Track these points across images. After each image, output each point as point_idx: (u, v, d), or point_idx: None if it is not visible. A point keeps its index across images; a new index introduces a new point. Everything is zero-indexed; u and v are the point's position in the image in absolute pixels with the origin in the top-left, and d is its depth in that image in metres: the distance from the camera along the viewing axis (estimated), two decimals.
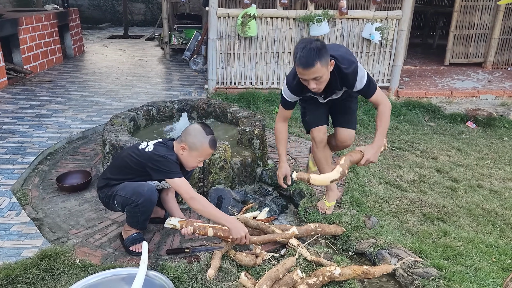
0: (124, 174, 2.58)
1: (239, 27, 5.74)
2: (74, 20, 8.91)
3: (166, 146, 2.58)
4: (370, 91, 2.66)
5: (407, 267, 2.56)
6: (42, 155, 4.03)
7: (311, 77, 2.45)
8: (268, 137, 4.71)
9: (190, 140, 2.51)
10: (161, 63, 8.48)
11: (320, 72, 2.44)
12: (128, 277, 2.31)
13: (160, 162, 2.46)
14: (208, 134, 2.54)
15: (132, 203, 2.49)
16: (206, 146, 2.52)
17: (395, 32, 6.16)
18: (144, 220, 2.60)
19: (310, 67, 2.40)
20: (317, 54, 2.38)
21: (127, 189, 2.51)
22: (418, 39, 11.29)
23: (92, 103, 5.68)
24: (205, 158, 2.61)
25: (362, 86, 2.62)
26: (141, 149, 2.57)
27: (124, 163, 2.59)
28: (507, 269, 2.55)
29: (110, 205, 2.66)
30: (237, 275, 2.42)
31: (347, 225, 2.99)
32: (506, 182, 4.01)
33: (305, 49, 2.39)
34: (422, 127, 5.82)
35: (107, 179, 2.63)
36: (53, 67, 7.66)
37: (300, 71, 2.46)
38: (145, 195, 2.47)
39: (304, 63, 2.40)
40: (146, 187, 2.50)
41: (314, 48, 2.38)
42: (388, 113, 2.69)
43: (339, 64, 2.57)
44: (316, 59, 2.38)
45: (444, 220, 3.17)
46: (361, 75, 2.60)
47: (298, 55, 2.42)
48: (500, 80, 7.43)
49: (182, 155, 2.55)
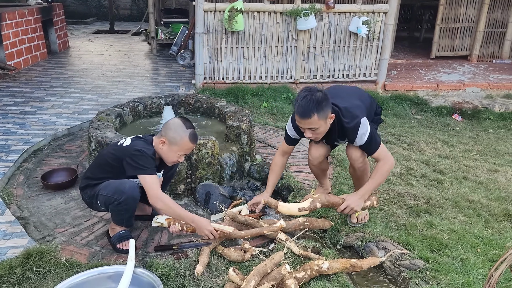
0: (104, 172, 2.55)
1: (226, 21, 5.70)
2: (59, 15, 8.77)
3: (144, 140, 2.55)
4: (371, 149, 2.64)
5: (394, 260, 2.58)
6: (26, 153, 3.97)
7: (307, 127, 2.50)
8: (256, 132, 4.71)
9: (170, 135, 2.48)
10: (148, 58, 8.40)
11: (317, 124, 2.46)
12: (115, 275, 2.29)
13: (135, 157, 2.42)
14: (188, 128, 2.50)
15: (115, 201, 2.46)
16: (186, 140, 2.49)
17: (382, 26, 6.18)
18: (129, 218, 2.58)
19: (307, 118, 2.43)
20: (316, 106, 2.40)
21: (109, 188, 2.48)
22: (405, 32, 11.36)
23: (77, 99, 5.60)
24: (186, 152, 2.57)
25: (362, 143, 2.60)
26: (119, 144, 2.55)
27: (104, 161, 2.57)
28: (492, 260, 2.58)
29: (94, 205, 2.63)
30: (225, 270, 2.42)
31: (335, 219, 3.01)
32: (491, 174, 4.07)
33: (305, 99, 2.41)
34: (409, 120, 5.86)
35: (88, 179, 2.61)
36: (37, 63, 7.54)
37: (297, 119, 2.51)
38: (127, 193, 2.44)
39: (301, 112, 2.43)
40: (128, 184, 2.46)
41: (314, 100, 2.40)
42: (385, 169, 2.64)
43: (341, 117, 2.57)
44: (314, 112, 2.40)
45: (431, 212, 3.20)
46: (362, 133, 2.56)
47: (297, 103, 2.45)
48: (485, 72, 7.51)
49: (162, 149, 2.52)
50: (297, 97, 2.49)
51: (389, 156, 2.68)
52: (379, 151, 2.65)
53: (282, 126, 5.02)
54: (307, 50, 6.20)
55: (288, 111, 5.66)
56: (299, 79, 6.32)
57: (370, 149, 2.65)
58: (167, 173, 2.84)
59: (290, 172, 3.68)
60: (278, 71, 6.27)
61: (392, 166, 2.70)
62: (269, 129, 4.92)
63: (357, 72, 6.46)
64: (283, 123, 5.21)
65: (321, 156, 2.91)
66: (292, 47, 6.14)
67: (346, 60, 6.36)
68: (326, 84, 6.31)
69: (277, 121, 5.30)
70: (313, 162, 2.96)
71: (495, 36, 8.26)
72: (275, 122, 5.25)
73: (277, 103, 5.79)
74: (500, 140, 5.28)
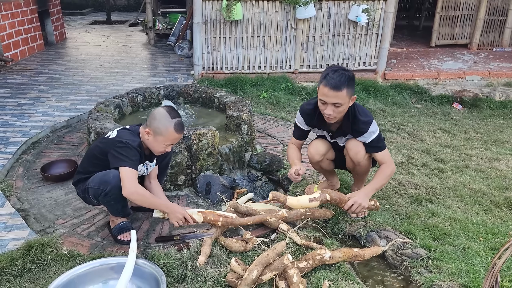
0: (93, 166, 2.53)
1: (224, 10, 5.64)
2: (55, 6, 8.67)
3: (130, 131, 2.52)
4: (377, 148, 2.69)
5: (396, 249, 2.58)
6: (25, 145, 3.94)
7: (333, 101, 2.47)
8: (256, 122, 4.68)
9: (154, 125, 2.44)
10: (146, 49, 8.33)
11: (343, 99, 2.46)
12: (117, 266, 2.28)
13: (119, 148, 2.38)
14: (174, 118, 2.45)
15: (102, 193, 2.43)
16: (171, 130, 2.43)
17: (382, 14, 6.13)
18: (122, 207, 2.56)
19: (337, 90, 2.43)
20: (347, 80, 2.45)
21: (95, 180, 2.45)
22: (404, 20, 11.28)
23: (76, 90, 5.56)
24: (172, 142, 2.52)
25: (370, 140, 2.65)
26: (106, 136, 2.53)
27: (92, 155, 2.55)
28: (494, 248, 2.58)
29: (88, 200, 2.61)
30: (227, 261, 2.41)
31: (337, 209, 3.00)
32: (492, 162, 4.05)
33: (338, 73, 2.45)
34: (409, 109, 5.83)
35: (79, 174, 2.60)
36: (34, 55, 7.48)
37: (325, 92, 2.47)
38: (111, 182, 2.40)
39: (333, 84, 2.43)
40: (112, 173, 2.41)
41: (347, 75, 2.46)
42: (388, 173, 2.70)
43: (356, 111, 2.63)
44: (345, 85, 2.44)
45: (432, 201, 3.19)
46: (372, 130, 2.63)
47: (328, 76, 2.45)
48: (485, 61, 7.47)
49: (147, 140, 2.49)
50: (326, 71, 2.49)
51: (392, 161, 2.74)
52: (384, 153, 2.71)
53: (281, 116, 5.00)
54: (306, 39, 6.15)
55: (288, 101, 5.63)
56: (298, 69, 6.28)
57: (376, 148, 2.68)
58: (162, 161, 2.81)
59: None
60: (277, 60, 6.23)
61: (393, 171, 2.75)
62: (269, 119, 4.89)
63: (356, 61, 6.41)
64: (283, 113, 5.19)
65: (319, 154, 2.87)
66: (291, 36, 6.09)
67: (346, 49, 6.31)
68: None
69: (276, 111, 5.27)
70: (311, 159, 2.95)
71: (495, 24, 8.20)
72: (275, 112, 5.22)
73: (276, 93, 5.75)
74: (500, 129, 5.27)
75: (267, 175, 3.60)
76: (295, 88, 6.00)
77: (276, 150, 3.98)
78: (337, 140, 2.84)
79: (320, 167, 3.01)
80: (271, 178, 3.56)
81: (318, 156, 2.88)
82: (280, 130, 4.53)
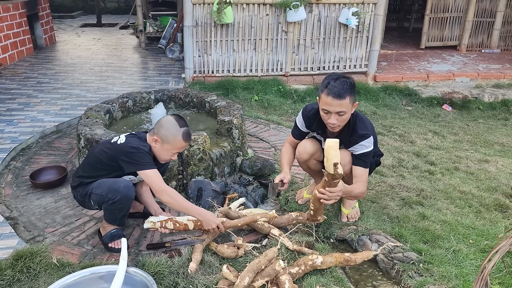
0: (97, 170, 2.51)
1: (215, 14, 5.63)
2: (44, 9, 8.60)
3: (138, 137, 2.51)
4: (360, 163, 2.62)
5: (387, 252, 2.59)
6: (14, 151, 3.90)
7: (337, 110, 2.44)
8: (247, 126, 4.68)
9: (162, 133, 2.45)
10: (137, 52, 8.29)
11: (346, 107, 2.44)
12: (108, 274, 2.26)
13: (133, 154, 2.39)
14: (182, 127, 2.47)
15: (109, 201, 2.42)
16: (179, 139, 2.46)
17: (372, 17, 6.16)
18: (122, 217, 2.55)
19: (341, 98, 2.40)
20: (350, 88, 2.42)
21: (103, 187, 2.44)
22: (394, 22, 11.36)
23: (65, 95, 5.52)
24: (179, 151, 2.55)
25: (359, 152, 2.59)
26: (113, 142, 2.51)
27: (97, 159, 2.52)
28: (484, 250, 2.60)
29: (86, 204, 2.59)
30: (219, 267, 2.41)
31: (328, 213, 3.01)
32: (481, 164, 4.09)
33: (339, 81, 2.42)
34: (399, 111, 5.87)
35: (81, 177, 2.56)
36: (23, 59, 7.40)
37: (329, 101, 2.43)
38: (122, 192, 2.41)
39: (336, 93, 2.39)
40: (122, 183, 2.43)
41: (348, 83, 2.43)
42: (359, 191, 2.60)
43: (356, 121, 2.60)
44: (348, 93, 2.41)
45: (423, 204, 3.21)
46: (365, 145, 2.58)
47: (330, 85, 2.42)
48: (474, 62, 7.54)
49: (154, 147, 2.49)
50: (327, 79, 2.46)
51: (365, 186, 2.67)
52: (364, 171, 2.63)
53: (273, 120, 5.00)
54: (297, 42, 6.16)
55: (279, 104, 5.63)
56: (289, 72, 6.29)
57: (361, 161, 2.61)
58: (159, 169, 2.80)
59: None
60: (268, 63, 6.23)
61: (363, 194, 2.70)
62: (260, 123, 4.89)
63: (347, 64, 6.44)
64: (274, 116, 5.19)
65: (306, 153, 2.84)
66: (282, 39, 6.10)
67: (337, 52, 6.34)
68: (317, 76, 6.30)
69: (268, 114, 5.27)
70: (298, 158, 2.92)
71: (483, 25, 8.29)
72: (266, 115, 5.23)
73: (268, 96, 5.76)
74: (489, 130, 5.32)
75: (259, 180, 3.60)
76: (286, 91, 6.01)
77: (268, 154, 3.98)
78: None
79: (307, 167, 2.98)
80: (263, 183, 3.56)
81: (305, 155, 2.85)
82: (271, 134, 4.53)
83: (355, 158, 2.63)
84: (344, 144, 2.66)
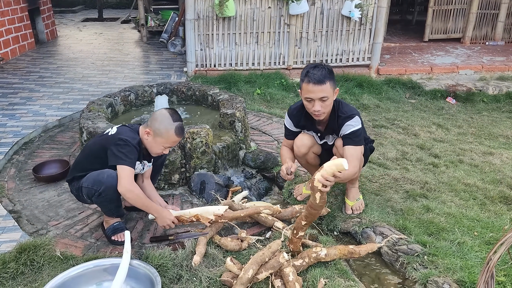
0: (90, 164, 2.50)
1: (217, 7, 5.60)
2: (45, 4, 8.57)
3: (130, 128, 2.50)
4: (349, 140, 2.57)
5: (391, 245, 2.58)
6: (17, 145, 3.90)
7: (319, 95, 2.46)
8: (250, 119, 4.66)
9: (155, 126, 2.43)
10: (138, 46, 8.27)
11: (328, 92, 2.47)
12: (111, 267, 2.26)
13: (119, 146, 2.37)
14: (175, 121, 2.45)
15: (95, 193, 2.41)
16: (171, 133, 2.43)
17: (375, 9, 6.11)
18: (116, 207, 2.54)
19: (321, 83, 2.43)
20: (329, 73, 2.47)
21: (89, 179, 2.43)
22: (397, 15, 11.27)
23: (67, 89, 5.51)
24: (171, 145, 2.52)
25: (346, 132, 2.56)
26: (105, 133, 2.51)
27: (90, 152, 2.53)
28: (489, 243, 2.58)
29: (81, 198, 2.59)
30: (223, 260, 2.40)
31: (332, 205, 2.99)
32: (486, 157, 4.07)
33: (317, 68, 2.47)
34: (403, 104, 5.84)
35: (74, 171, 2.57)
36: (25, 53, 7.39)
37: (310, 88, 2.46)
38: (106, 182, 2.38)
39: (317, 79, 2.43)
40: (106, 173, 2.39)
41: (326, 68, 2.48)
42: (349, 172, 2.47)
43: (340, 107, 2.62)
44: (327, 78, 2.45)
45: (427, 196, 3.19)
46: (350, 124, 2.55)
47: (310, 73, 2.46)
48: (478, 55, 7.48)
49: (146, 140, 2.48)
50: (306, 69, 2.50)
51: (356, 165, 2.59)
52: (354, 151, 2.57)
53: (275, 113, 4.98)
54: (300, 35, 6.12)
55: (282, 97, 5.61)
56: (292, 65, 6.25)
57: (349, 140, 2.57)
58: (156, 161, 2.79)
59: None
60: (270, 57, 6.20)
61: (355, 174, 2.66)
62: (263, 116, 4.87)
63: (350, 57, 6.40)
64: (277, 109, 5.17)
65: (304, 146, 2.82)
66: (285, 32, 6.06)
67: (339, 45, 6.30)
68: None
69: (270, 108, 5.25)
70: (297, 153, 2.90)
71: (488, 17, 8.21)
72: (269, 108, 5.21)
73: (270, 90, 5.73)
74: (494, 123, 5.28)
75: (262, 173, 3.59)
76: (289, 84, 5.98)
77: (271, 147, 3.97)
78: (326, 140, 2.82)
79: (306, 162, 2.97)
80: (266, 176, 3.55)
81: (304, 148, 2.83)
82: (274, 127, 4.51)
83: (344, 139, 2.60)
84: (334, 132, 2.70)
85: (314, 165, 2.99)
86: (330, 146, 2.81)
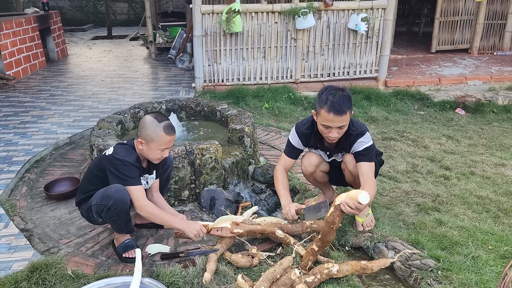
0: (93, 184, 2.53)
1: (224, 23, 5.67)
2: (56, 23, 8.75)
3: (126, 146, 2.52)
4: (363, 157, 2.56)
5: (404, 260, 2.54)
6: (28, 163, 3.94)
7: (339, 125, 2.44)
8: (259, 134, 4.67)
9: (145, 133, 2.45)
10: (147, 63, 8.37)
11: (347, 121, 2.46)
12: (123, 285, 2.25)
13: (117, 166, 2.40)
14: (161, 121, 2.46)
15: (104, 208, 2.41)
16: (161, 134, 2.44)
17: (381, 22, 6.14)
18: (126, 222, 2.54)
19: (343, 114, 2.40)
20: (349, 102, 2.43)
21: (97, 196, 2.45)
22: (404, 27, 11.30)
23: (78, 107, 5.58)
24: (167, 146, 2.50)
25: (359, 149, 2.56)
26: (104, 154, 2.53)
27: (91, 174, 2.56)
28: (504, 256, 2.54)
29: (92, 219, 2.60)
30: (234, 277, 2.38)
31: (343, 220, 2.97)
32: (498, 168, 4.02)
33: (338, 96, 2.40)
34: (412, 116, 5.81)
35: (81, 194, 2.60)
36: (36, 72, 7.52)
37: (330, 118, 2.42)
38: (114, 196, 2.38)
39: (338, 109, 2.39)
40: (113, 188, 2.40)
41: (347, 96, 2.43)
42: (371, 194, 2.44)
43: (350, 126, 2.58)
44: (347, 107, 2.41)
45: (439, 210, 3.15)
46: (362, 141, 2.55)
47: (330, 100, 2.40)
48: (486, 65, 7.45)
49: (142, 150, 2.49)
50: (325, 95, 2.44)
51: (374, 183, 2.57)
52: (369, 167, 2.56)
53: (284, 127, 4.98)
54: (307, 49, 6.16)
55: (290, 111, 5.62)
56: (299, 79, 6.28)
57: (363, 156, 2.56)
58: (162, 174, 2.80)
59: (295, 174, 3.64)
60: (278, 71, 6.23)
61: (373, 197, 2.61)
62: (271, 130, 4.88)
63: (357, 70, 6.41)
64: (285, 123, 5.18)
65: (312, 165, 2.84)
66: (292, 47, 6.10)
67: (346, 58, 6.32)
68: (327, 82, 6.27)
69: (279, 122, 5.26)
70: (304, 172, 2.92)
71: (495, 28, 8.20)
72: (277, 123, 5.22)
73: (278, 104, 5.75)
74: (505, 133, 5.23)
75: (272, 188, 3.57)
76: (296, 98, 6.00)
77: None
78: (334, 157, 2.81)
79: (314, 179, 2.97)
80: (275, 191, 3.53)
81: (311, 168, 2.85)
82: (283, 141, 4.51)
83: (357, 155, 2.59)
84: (344, 150, 2.67)
85: (323, 182, 2.99)
86: (339, 162, 2.81)
